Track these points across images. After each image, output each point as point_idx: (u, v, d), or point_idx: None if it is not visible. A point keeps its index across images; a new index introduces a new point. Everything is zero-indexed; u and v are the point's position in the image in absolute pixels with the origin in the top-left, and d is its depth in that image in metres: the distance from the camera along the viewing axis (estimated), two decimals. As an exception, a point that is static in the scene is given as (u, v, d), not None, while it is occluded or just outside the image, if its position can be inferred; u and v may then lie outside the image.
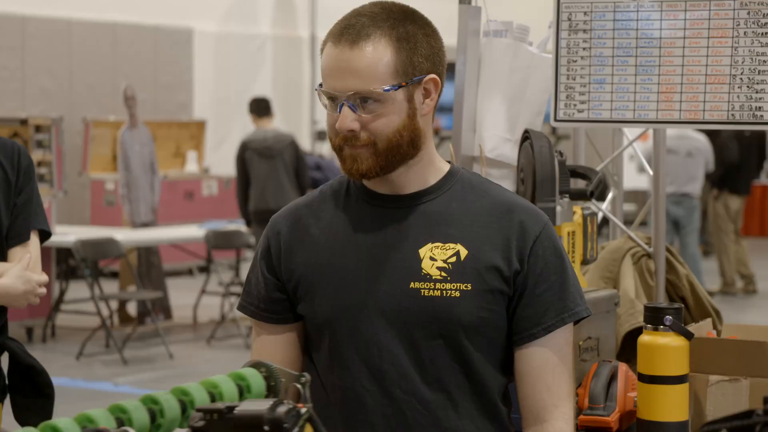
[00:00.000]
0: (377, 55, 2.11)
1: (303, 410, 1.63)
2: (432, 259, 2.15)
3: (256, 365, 1.88)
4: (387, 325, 2.15)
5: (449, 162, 2.28)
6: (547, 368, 2.19)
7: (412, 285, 2.15)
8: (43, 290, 3.13)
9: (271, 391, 1.87)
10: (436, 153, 2.25)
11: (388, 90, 2.11)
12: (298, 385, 1.85)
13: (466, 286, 2.14)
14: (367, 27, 2.11)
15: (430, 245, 2.16)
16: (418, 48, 2.14)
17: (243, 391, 1.83)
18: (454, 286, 2.14)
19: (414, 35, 2.14)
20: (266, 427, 1.59)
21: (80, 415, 1.62)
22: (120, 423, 1.66)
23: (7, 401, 3.23)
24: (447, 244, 2.16)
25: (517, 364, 2.20)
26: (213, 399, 1.78)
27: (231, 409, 1.63)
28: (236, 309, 2.38)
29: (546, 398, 2.18)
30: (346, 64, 2.11)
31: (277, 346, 2.27)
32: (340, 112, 2.12)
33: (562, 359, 2.20)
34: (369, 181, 2.20)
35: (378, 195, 2.22)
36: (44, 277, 3.13)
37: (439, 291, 2.14)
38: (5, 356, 3.21)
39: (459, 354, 2.16)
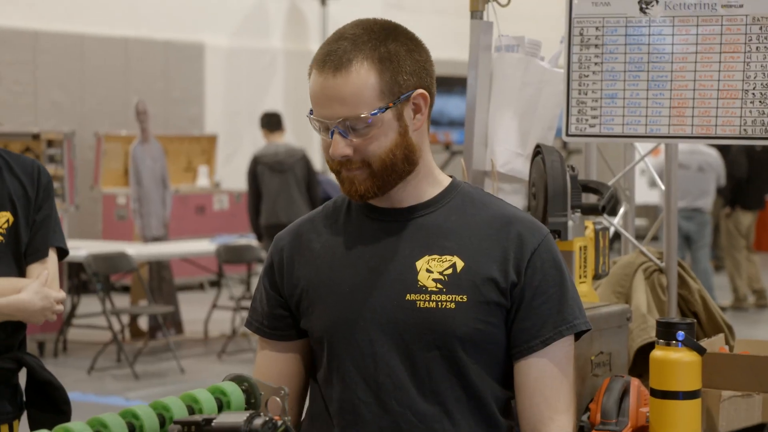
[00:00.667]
0: (361, 79, 2.11)
1: (279, 422, 1.66)
2: (428, 271, 2.16)
3: (235, 379, 1.89)
4: (383, 337, 2.16)
5: (451, 176, 2.28)
6: (545, 381, 2.19)
7: (408, 297, 2.15)
8: (61, 307, 3.15)
9: (252, 404, 1.88)
10: (435, 166, 2.26)
11: (375, 114, 2.12)
12: (278, 398, 1.86)
13: (461, 298, 2.14)
14: (349, 52, 2.12)
15: (426, 257, 2.17)
16: (402, 65, 2.15)
17: (223, 405, 1.85)
18: (449, 297, 2.14)
19: (396, 53, 2.14)
20: None
21: (59, 428, 1.63)
22: None
23: (24, 417, 3.24)
24: (444, 257, 2.17)
25: (515, 377, 2.21)
26: (192, 412, 1.80)
27: (208, 421, 1.66)
28: (244, 325, 2.40)
29: (543, 411, 2.18)
30: (332, 91, 2.12)
31: (278, 362, 2.29)
32: (332, 138, 2.13)
33: (561, 372, 2.20)
34: None
35: (377, 209, 2.23)
36: (62, 294, 3.15)
37: (434, 303, 2.14)
38: (23, 372, 3.22)
39: (455, 366, 2.16)
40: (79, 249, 9.29)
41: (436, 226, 2.20)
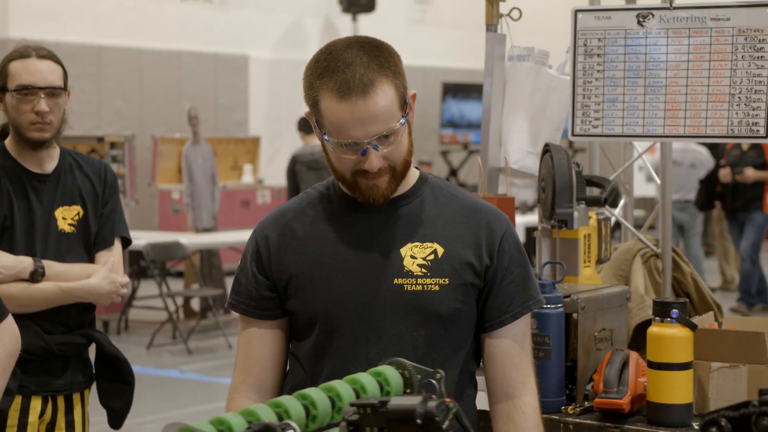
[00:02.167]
0: (387, 96, 2.07)
1: (451, 404, 1.55)
2: (412, 257, 2.15)
3: (393, 363, 1.80)
4: (374, 317, 2.14)
5: (417, 168, 2.27)
6: (515, 350, 2.20)
7: (395, 281, 2.14)
8: (125, 290, 3.19)
9: (408, 386, 1.79)
10: None
11: (403, 123, 2.11)
12: (434, 381, 1.77)
13: (444, 281, 2.14)
14: (366, 75, 2.06)
15: (410, 245, 2.16)
16: (401, 74, 2.13)
17: (383, 389, 1.75)
18: (433, 281, 2.14)
19: (396, 64, 2.12)
20: (419, 420, 1.52)
21: (244, 411, 1.55)
22: (279, 417, 1.60)
23: (93, 387, 3.28)
24: (425, 243, 2.16)
25: (487, 349, 2.21)
26: (357, 395, 1.71)
27: (384, 403, 1.55)
28: (226, 306, 2.37)
29: (515, 377, 2.19)
30: (365, 114, 2.06)
31: (264, 339, 2.24)
32: (364, 155, 2.09)
33: (526, 341, 2.23)
34: None
35: (359, 201, 2.19)
36: (126, 279, 3.19)
37: (420, 286, 2.14)
38: (92, 348, 3.26)
39: (436, 343, 2.16)
40: (139, 239, 9.33)
41: (414, 216, 2.19)
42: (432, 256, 2.15)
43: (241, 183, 14.14)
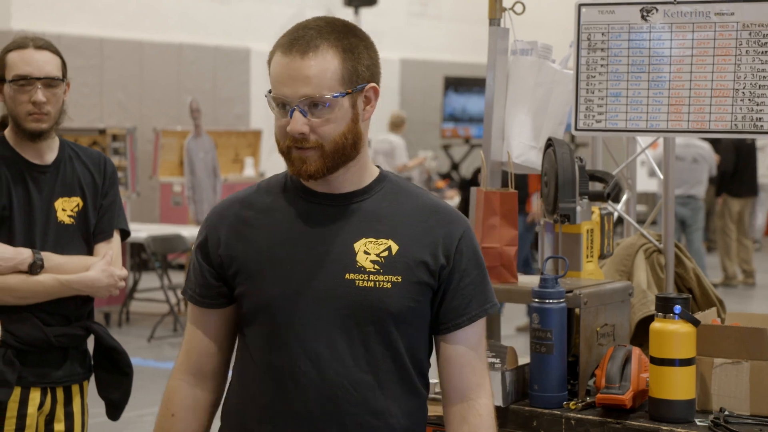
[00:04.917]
0: (326, 64, 2.07)
1: None
2: (366, 253, 2.12)
3: None
4: (323, 311, 2.11)
5: (378, 167, 2.24)
6: (471, 353, 2.17)
7: (347, 276, 2.11)
8: (123, 283, 3.19)
9: None
10: (369, 157, 2.22)
11: (336, 96, 2.08)
12: None
13: (397, 279, 2.11)
14: (315, 38, 2.08)
15: (363, 240, 2.13)
16: (361, 59, 2.11)
17: None
18: (386, 278, 2.11)
19: (357, 47, 2.11)
20: None
21: None
22: None
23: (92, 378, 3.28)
24: (380, 240, 2.13)
25: (443, 351, 2.18)
26: None
27: None
28: (181, 293, 2.35)
29: (471, 378, 2.17)
30: (297, 72, 2.07)
31: (206, 326, 2.22)
32: (291, 117, 2.09)
33: (481, 344, 2.20)
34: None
35: (315, 193, 2.17)
36: (124, 272, 3.19)
37: (372, 282, 2.10)
38: (91, 338, 3.26)
39: (387, 340, 2.13)
40: (140, 231, 9.33)
41: (371, 212, 2.16)
42: (386, 253, 2.12)
43: (243, 176, 14.13)
